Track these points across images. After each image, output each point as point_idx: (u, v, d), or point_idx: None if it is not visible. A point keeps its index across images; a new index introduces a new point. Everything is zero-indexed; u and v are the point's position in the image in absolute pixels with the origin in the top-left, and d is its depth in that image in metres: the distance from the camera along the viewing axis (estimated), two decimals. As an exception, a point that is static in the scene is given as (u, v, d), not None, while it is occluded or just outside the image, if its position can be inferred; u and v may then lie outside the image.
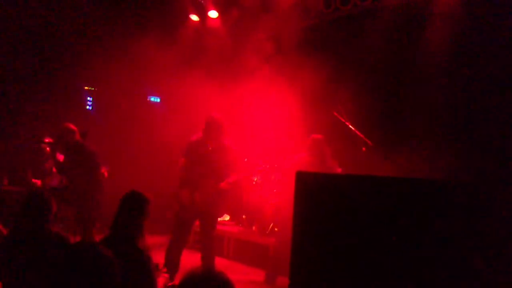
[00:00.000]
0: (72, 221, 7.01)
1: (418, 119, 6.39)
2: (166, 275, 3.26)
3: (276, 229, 6.67)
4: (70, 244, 3.16)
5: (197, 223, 5.55)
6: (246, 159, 7.98)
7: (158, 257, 3.40)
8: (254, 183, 7.65)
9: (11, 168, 7.69)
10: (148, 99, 9.65)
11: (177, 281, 2.50)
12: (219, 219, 7.96)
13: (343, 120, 5.98)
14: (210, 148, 5.37)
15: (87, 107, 9.02)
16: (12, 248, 3.11)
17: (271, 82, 7.40)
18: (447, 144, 6.03)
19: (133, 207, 3.16)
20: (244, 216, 7.79)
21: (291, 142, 6.73)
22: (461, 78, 6.07)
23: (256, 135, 7.86)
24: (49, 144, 5.99)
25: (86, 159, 5.82)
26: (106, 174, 6.40)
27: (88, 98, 9.08)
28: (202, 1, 8.59)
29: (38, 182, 7.46)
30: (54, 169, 7.47)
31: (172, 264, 5.07)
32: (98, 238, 5.61)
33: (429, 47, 6.35)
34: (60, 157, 6.35)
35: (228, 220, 8.13)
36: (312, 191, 2.62)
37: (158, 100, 9.76)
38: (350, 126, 5.95)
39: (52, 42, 8.30)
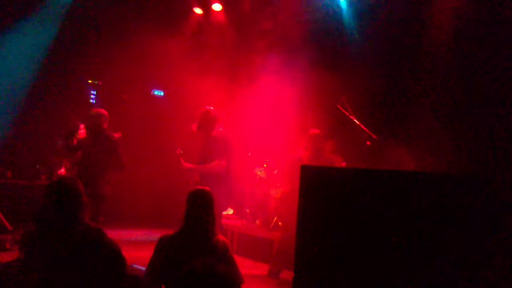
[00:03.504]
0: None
1: (423, 113, 6.36)
2: None
3: (280, 223, 6.66)
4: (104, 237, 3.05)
5: None
6: (250, 154, 7.96)
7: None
8: (257, 177, 7.64)
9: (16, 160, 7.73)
10: (151, 93, 9.63)
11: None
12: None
13: (348, 114, 5.94)
14: (201, 141, 5.64)
15: (91, 100, 9.02)
16: (43, 242, 3.00)
17: (275, 75, 7.37)
18: (452, 138, 6.01)
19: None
20: (247, 210, 7.78)
21: (294, 136, 6.71)
22: (466, 70, 6.03)
23: (260, 129, 7.84)
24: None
25: (109, 148, 5.79)
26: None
27: (92, 92, 9.07)
28: (206, -6, 8.55)
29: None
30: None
31: None
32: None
33: (432, 40, 6.31)
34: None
35: (231, 214, 8.13)
36: (317, 185, 2.61)
37: (162, 93, 9.74)
38: (355, 120, 5.91)
39: (56, 35, 8.29)
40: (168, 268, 3.00)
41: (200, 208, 3.19)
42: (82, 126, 6.13)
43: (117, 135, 6.13)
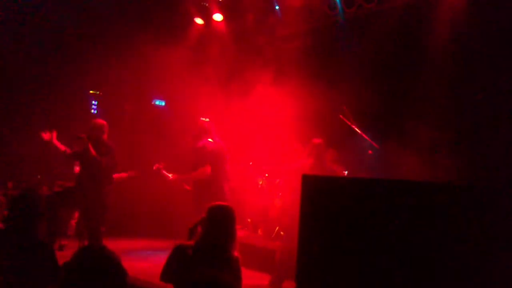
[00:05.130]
0: (78, 225, 7.01)
1: (424, 121, 6.35)
2: None
3: (282, 233, 6.62)
4: (52, 252, 3.14)
5: None
6: (251, 163, 7.95)
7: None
8: (259, 186, 7.62)
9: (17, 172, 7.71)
10: (153, 103, 9.64)
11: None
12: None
13: (349, 123, 5.94)
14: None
15: (92, 111, 9.03)
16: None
17: (276, 85, 7.37)
18: (452, 146, 6.00)
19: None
20: (249, 220, 7.75)
21: (296, 145, 6.70)
22: (467, 79, 6.03)
23: (261, 138, 7.83)
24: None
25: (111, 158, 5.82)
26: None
27: (93, 102, 9.09)
28: (207, 4, 8.58)
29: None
30: None
31: None
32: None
33: (433, 49, 6.32)
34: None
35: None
36: (319, 194, 2.60)
37: (163, 103, 9.74)
38: (356, 129, 5.90)
39: (57, 46, 8.32)
40: (180, 277, 3.02)
41: (219, 223, 3.19)
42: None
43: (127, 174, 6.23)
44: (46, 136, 5.76)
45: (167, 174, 5.87)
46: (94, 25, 8.37)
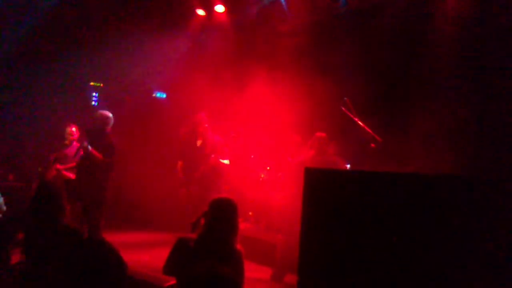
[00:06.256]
0: (77, 218, 7.00)
1: (427, 114, 6.32)
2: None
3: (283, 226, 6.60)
4: (82, 238, 3.14)
5: None
6: (252, 156, 7.92)
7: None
8: (260, 179, 7.60)
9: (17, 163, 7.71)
10: (154, 95, 9.60)
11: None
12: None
13: (351, 116, 5.89)
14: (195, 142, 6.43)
15: (93, 103, 9.00)
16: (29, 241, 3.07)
17: (278, 77, 7.34)
18: (456, 139, 5.98)
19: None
20: (250, 213, 7.74)
21: (297, 138, 6.68)
22: (470, 72, 6.00)
23: (263, 131, 7.81)
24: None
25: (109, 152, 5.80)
26: None
27: (94, 94, 9.06)
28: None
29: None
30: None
31: None
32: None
33: (437, 41, 6.28)
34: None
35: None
36: (321, 187, 2.59)
37: (165, 95, 9.70)
38: (359, 122, 5.86)
39: (58, 37, 8.28)
40: (182, 270, 3.03)
41: (221, 216, 3.19)
42: (74, 127, 6.21)
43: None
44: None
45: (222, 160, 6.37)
46: (95, 16, 8.32)
